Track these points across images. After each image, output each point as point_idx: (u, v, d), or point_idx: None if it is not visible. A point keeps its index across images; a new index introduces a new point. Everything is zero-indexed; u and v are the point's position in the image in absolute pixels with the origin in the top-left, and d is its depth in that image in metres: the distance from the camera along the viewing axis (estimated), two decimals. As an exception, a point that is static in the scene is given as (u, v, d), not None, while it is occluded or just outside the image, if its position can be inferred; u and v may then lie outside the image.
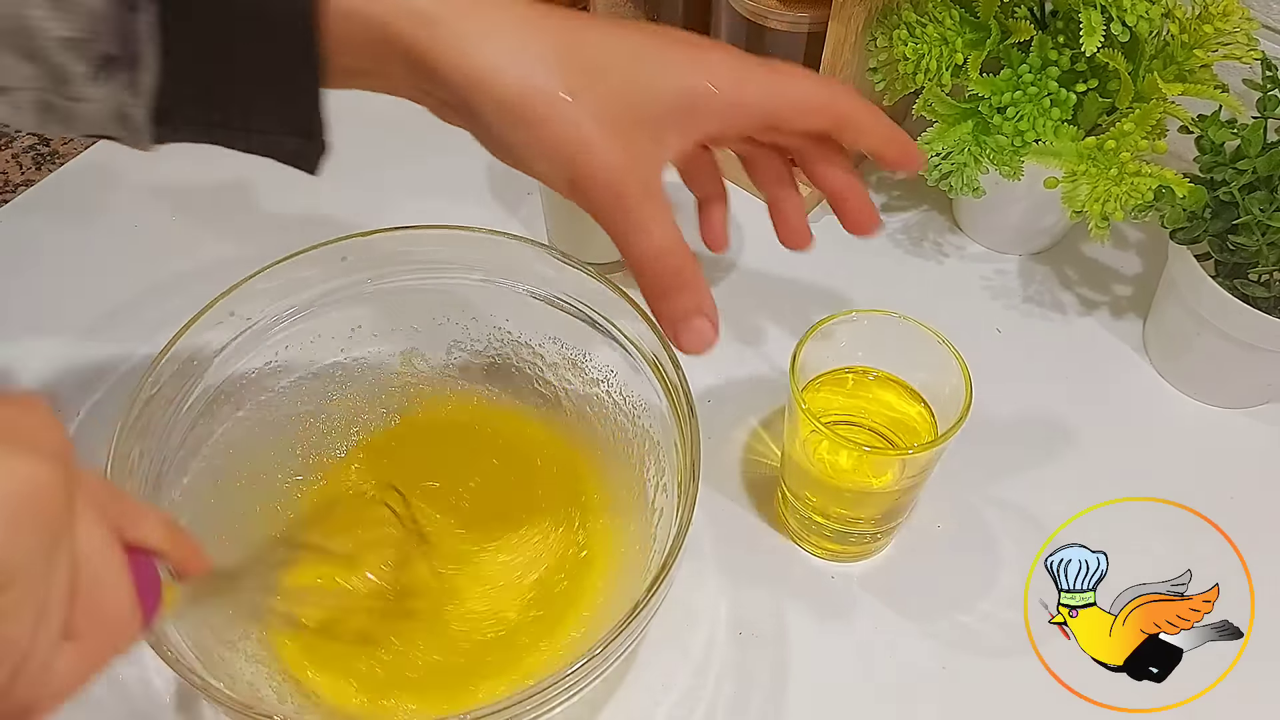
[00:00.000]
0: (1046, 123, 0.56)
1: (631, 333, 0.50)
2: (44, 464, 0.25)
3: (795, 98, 0.40)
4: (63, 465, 0.26)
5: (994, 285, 0.65)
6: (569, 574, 0.50)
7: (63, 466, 0.26)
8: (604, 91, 0.36)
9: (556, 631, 0.49)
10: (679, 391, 0.47)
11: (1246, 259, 0.53)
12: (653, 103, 0.38)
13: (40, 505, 0.25)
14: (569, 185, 0.37)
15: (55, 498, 0.25)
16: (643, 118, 0.37)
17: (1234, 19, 0.54)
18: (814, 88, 0.40)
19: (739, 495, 0.55)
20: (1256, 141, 0.53)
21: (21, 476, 0.25)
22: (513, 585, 0.49)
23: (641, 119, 0.37)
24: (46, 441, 0.26)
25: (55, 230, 0.65)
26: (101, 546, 0.28)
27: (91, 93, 0.36)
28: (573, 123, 0.36)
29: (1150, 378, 0.61)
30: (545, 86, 0.36)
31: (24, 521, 0.25)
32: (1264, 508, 0.56)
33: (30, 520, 0.25)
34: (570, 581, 0.50)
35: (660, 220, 0.37)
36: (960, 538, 0.54)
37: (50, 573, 0.26)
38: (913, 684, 0.50)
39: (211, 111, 0.37)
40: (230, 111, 0.37)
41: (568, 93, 0.36)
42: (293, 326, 0.53)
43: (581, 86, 0.36)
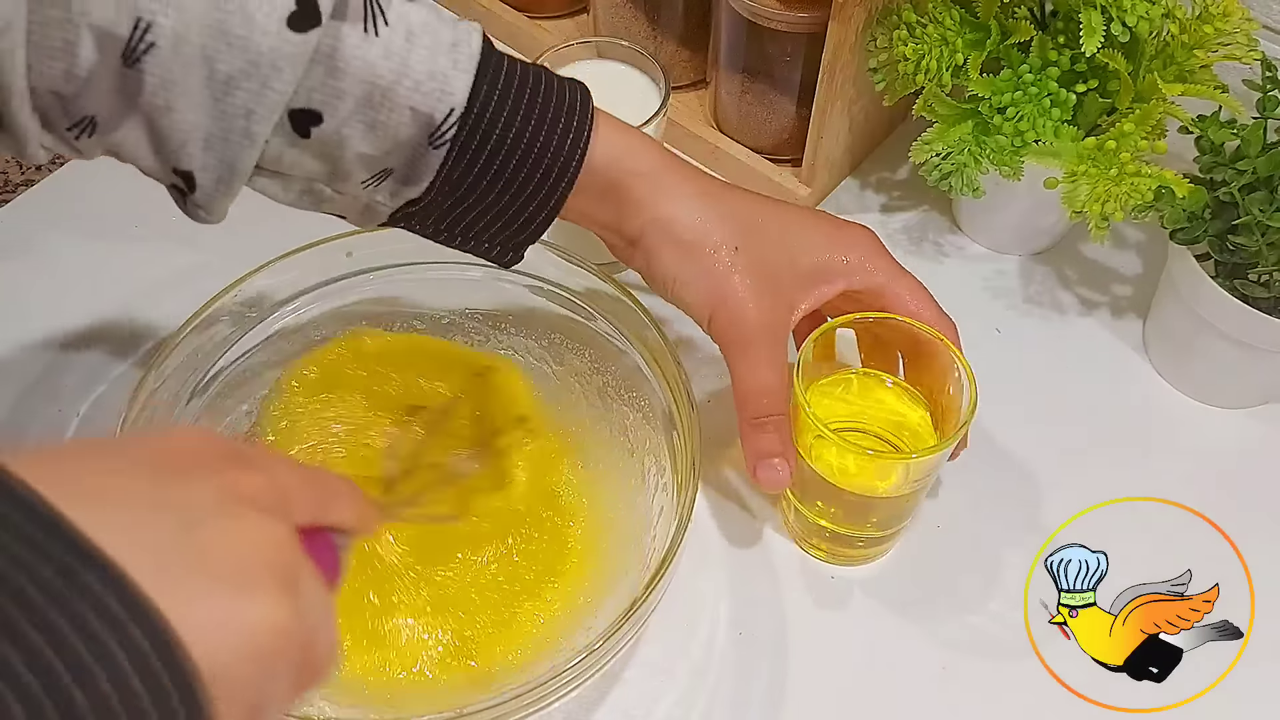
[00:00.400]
0: (1046, 123, 0.56)
1: (633, 330, 0.50)
2: (277, 601, 0.24)
3: (907, 289, 0.48)
4: (288, 555, 0.26)
5: (994, 285, 0.65)
6: (568, 571, 0.50)
7: (288, 561, 0.25)
8: (758, 252, 0.45)
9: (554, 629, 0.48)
10: (681, 390, 0.48)
11: (1246, 259, 0.53)
12: (794, 265, 0.46)
13: (282, 642, 0.24)
14: (710, 320, 0.45)
15: (292, 629, 0.25)
16: (784, 279, 0.45)
17: (1234, 19, 0.54)
18: (927, 298, 0.48)
19: (740, 495, 0.55)
20: (1256, 142, 0.53)
21: (264, 625, 0.24)
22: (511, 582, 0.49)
23: (782, 280, 0.45)
24: (266, 502, 0.26)
25: (55, 230, 0.65)
26: (317, 601, 0.27)
27: (357, 192, 0.41)
28: (729, 270, 0.44)
29: (1150, 378, 0.61)
30: (717, 237, 0.44)
31: (275, 665, 0.24)
32: (1264, 508, 0.56)
33: (278, 661, 0.24)
34: (570, 578, 0.50)
35: (773, 364, 0.45)
36: (960, 538, 0.54)
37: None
38: (913, 684, 0.50)
39: (446, 226, 0.43)
40: (462, 230, 0.43)
41: (734, 245, 0.44)
42: (297, 322, 0.53)
43: (744, 244, 0.44)
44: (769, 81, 0.64)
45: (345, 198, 0.41)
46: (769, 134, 0.66)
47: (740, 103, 0.65)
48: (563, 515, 0.51)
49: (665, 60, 0.68)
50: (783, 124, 0.65)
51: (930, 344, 0.48)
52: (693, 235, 0.44)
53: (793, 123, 0.65)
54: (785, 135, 0.66)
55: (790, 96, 0.64)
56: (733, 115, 0.67)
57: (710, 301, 0.44)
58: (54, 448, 0.24)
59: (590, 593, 0.49)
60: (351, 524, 0.31)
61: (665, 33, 0.68)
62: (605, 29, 0.70)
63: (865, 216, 0.67)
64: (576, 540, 0.51)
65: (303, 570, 0.26)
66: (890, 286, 0.47)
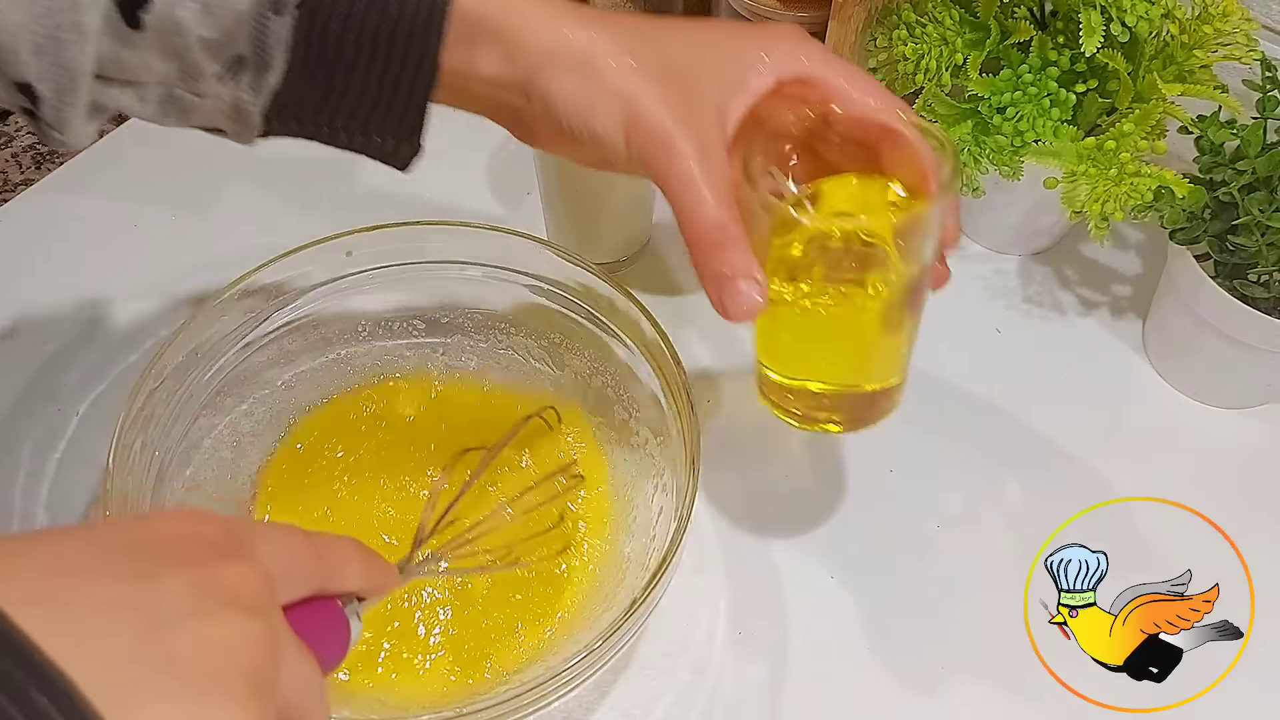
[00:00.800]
0: (1046, 123, 0.56)
1: (633, 329, 0.50)
2: (244, 707, 0.23)
3: (846, 76, 0.41)
4: (262, 656, 0.25)
5: (994, 285, 0.65)
6: (568, 569, 0.50)
7: (261, 662, 0.25)
8: (665, 60, 0.39)
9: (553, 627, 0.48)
10: (679, 388, 0.48)
11: (1246, 259, 0.53)
12: (712, 69, 0.40)
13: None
14: (627, 140, 0.38)
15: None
16: (703, 84, 0.39)
17: (1233, 20, 0.54)
18: (873, 84, 0.41)
19: (740, 494, 0.55)
20: (1256, 142, 0.53)
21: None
22: (510, 580, 0.49)
23: (702, 85, 0.39)
24: (245, 596, 0.25)
25: (55, 229, 0.65)
26: (303, 685, 0.26)
27: (217, 90, 0.38)
28: (632, 74, 0.38)
29: (1150, 378, 0.61)
30: (612, 49, 0.38)
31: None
32: (1264, 508, 0.56)
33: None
34: (569, 577, 0.50)
35: (709, 174, 0.38)
36: (960, 537, 0.54)
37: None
38: (913, 684, 0.50)
39: (323, 114, 0.40)
40: (342, 115, 0.40)
41: (632, 58, 0.38)
42: (296, 321, 0.53)
43: (644, 55, 0.39)
44: (769, 81, 0.63)
45: (208, 101, 0.38)
46: (769, 134, 0.66)
47: (740, 103, 0.65)
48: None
49: (665, 60, 0.68)
50: (783, 124, 0.65)
51: (893, 132, 0.41)
52: (589, 56, 0.38)
53: (793, 123, 0.65)
54: (785, 135, 0.66)
55: (790, 96, 0.64)
56: (733, 115, 0.67)
57: (623, 119, 0.38)
58: (18, 539, 0.23)
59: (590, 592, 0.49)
60: (360, 588, 0.31)
61: (665, 33, 0.68)
62: (605, 29, 0.69)
63: (865, 216, 0.67)
64: (576, 540, 0.51)
65: (285, 661, 0.26)
66: (827, 75, 0.41)
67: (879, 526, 0.55)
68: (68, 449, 0.56)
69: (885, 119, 0.41)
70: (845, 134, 0.42)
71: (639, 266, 0.65)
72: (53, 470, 0.55)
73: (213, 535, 0.26)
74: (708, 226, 0.38)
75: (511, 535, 0.48)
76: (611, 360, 0.53)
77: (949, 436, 0.58)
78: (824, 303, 0.41)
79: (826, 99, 0.41)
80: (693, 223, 0.38)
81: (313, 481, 0.52)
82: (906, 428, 0.58)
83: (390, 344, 0.56)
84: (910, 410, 0.59)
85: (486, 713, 0.40)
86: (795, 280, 0.41)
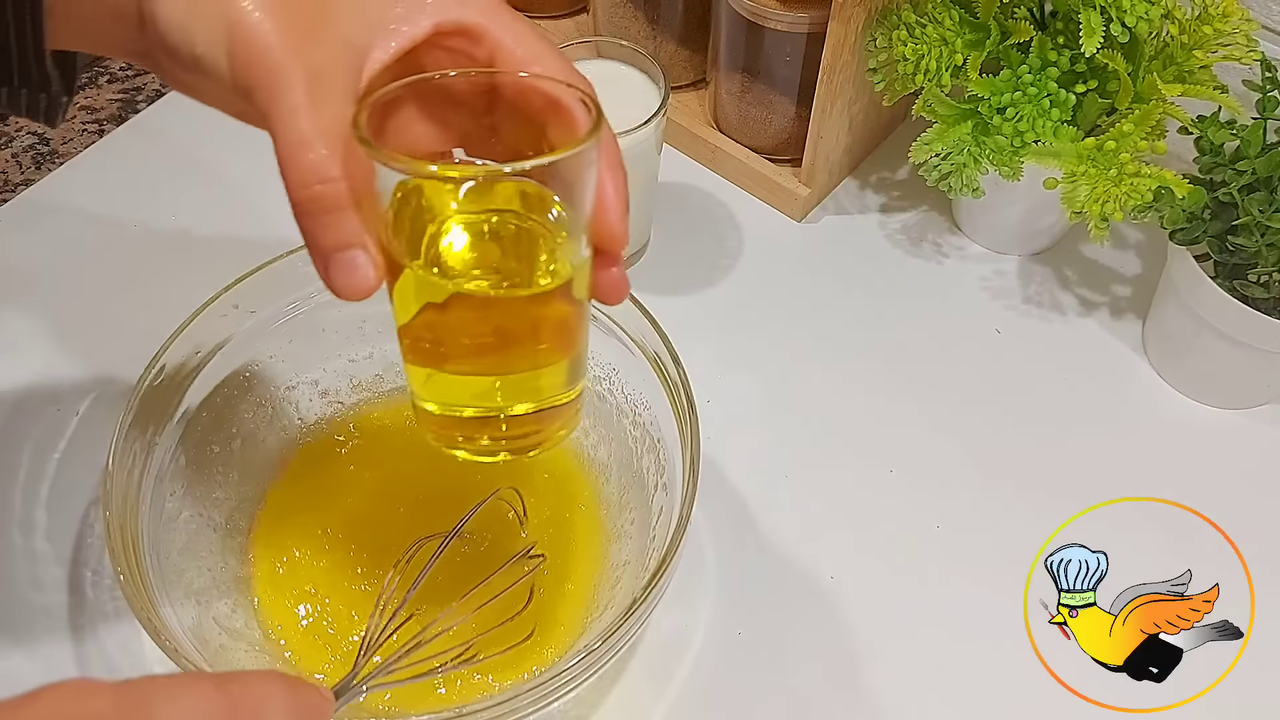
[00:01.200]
0: (1046, 123, 0.56)
1: (633, 330, 0.50)
2: None
3: (513, 34, 0.35)
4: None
5: (993, 286, 0.65)
6: (568, 570, 0.50)
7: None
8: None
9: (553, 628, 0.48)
10: (679, 389, 0.48)
11: (1246, 260, 0.53)
12: (337, 10, 0.33)
13: None
14: (230, 63, 0.32)
15: None
16: (338, 14, 0.33)
17: (1233, 20, 0.54)
18: (548, 49, 0.35)
19: (739, 494, 0.55)
20: (1256, 142, 0.53)
21: None
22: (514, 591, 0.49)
23: (336, 15, 0.33)
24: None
25: (54, 228, 0.65)
26: None
27: None
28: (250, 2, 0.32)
29: (1149, 378, 0.61)
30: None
31: None
32: (1264, 508, 0.56)
33: None
34: (569, 578, 0.50)
35: (318, 122, 0.32)
36: (960, 537, 0.54)
37: None
38: (913, 684, 0.50)
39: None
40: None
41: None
42: (297, 321, 0.53)
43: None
44: (768, 81, 0.64)
45: None
46: (768, 134, 0.66)
47: (740, 102, 0.66)
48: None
49: (665, 60, 0.68)
50: (782, 124, 0.65)
51: (560, 108, 0.34)
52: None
53: (792, 123, 0.65)
54: (785, 135, 0.66)
55: (790, 96, 0.64)
56: (732, 115, 0.67)
57: (225, 38, 0.32)
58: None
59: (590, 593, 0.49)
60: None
61: (665, 32, 0.68)
62: (605, 29, 0.70)
63: (865, 217, 0.68)
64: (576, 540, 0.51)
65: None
66: (491, 29, 0.35)
67: (879, 526, 0.55)
68: (67, 449, 0.56)
69: (549, 89, 0.35)
70: (511, 104, 0.36)
71: (639, 266, 0.65)
72: (53, 470, 0.55)
73: (104, 711, 0.24)
74: (304, 173, 0.32)
75: (473, 628, 0.45)
76: (612, 361, 0.53)
77: (949, 437, 0.58)
78: (480, 292, 0.35)
79: (492, 59, 0.35)
80: (289, 167, 0.32)
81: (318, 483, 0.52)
82: (907, 428, 0.58)
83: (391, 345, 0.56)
84: (911, 410, 0.59)
85: (486, 713, 0.40)
86: (444, 271, 0.35)
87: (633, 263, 0.65)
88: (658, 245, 0.66)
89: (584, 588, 0.50)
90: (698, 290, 0.64)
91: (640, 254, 0.65)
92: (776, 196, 0.67)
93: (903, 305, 0.64)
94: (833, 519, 0.55)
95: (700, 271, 0.65)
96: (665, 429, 0.49)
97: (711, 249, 0.66)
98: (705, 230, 0.67)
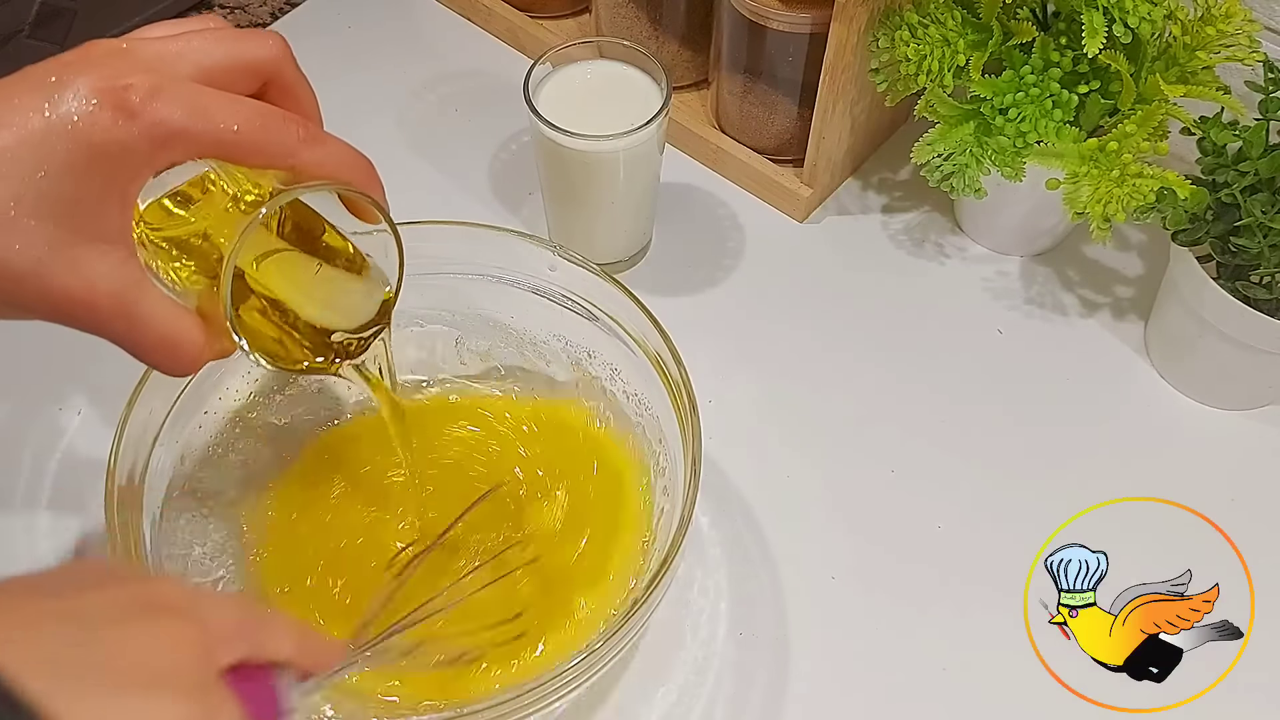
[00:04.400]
0: (1048, 124, 0.56)
1: (634, 330, 0.50)
2: (188, 697, 0.25)
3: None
4: (200, 655, 0.26)
5: (995, 286, 0.65)
6: (569, 571, 0.50)
7: (199, 662, 0.26)
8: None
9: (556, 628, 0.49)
10: (681, 389, 0.48)
11: (1248, 261, 0.53)
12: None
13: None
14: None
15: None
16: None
17: (1236, 21, 0.54)
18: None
19: (740, 494, 0.55)
20: (1258, 143, 0.53)
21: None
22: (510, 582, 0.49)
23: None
24: (174, 602, 0.27)
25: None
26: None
27: None
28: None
29: (1151, 379, 0.61)
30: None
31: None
32: (1264, 508, 0.56)
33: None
34: (571, 578, 0.50)
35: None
36: (960, 538, 0.55)
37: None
38: (913, 684, 0.50)
39: None
40: None
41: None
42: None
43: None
44: (770, 82, 0.64)
45: None
46: (770, 134, 0.66)
47: (742, 103, 0.66)
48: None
49: (667, 60, 0.68)
50: (784, 124, 0.65)
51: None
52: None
53: (794, 123, 0.65)
54: (787, 135, 0.66)
55: (792, 97, 0.64)
56: (734, 115, 0.67)
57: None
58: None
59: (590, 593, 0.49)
60: (291, 658, 0.31)
61: (667, 33, 0.68)
62: (607, 29, 0.70)
63: (867, 217, 0.68)
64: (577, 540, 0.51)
65: (221, 687, 0.27)
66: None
67: (880, 527, 0.55)
68: (69, 449, 0.56)
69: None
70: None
71: (640, 267, 0.65)
72: (54, 470, 0.55)
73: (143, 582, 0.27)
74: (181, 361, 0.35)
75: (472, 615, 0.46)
76: (613, 361, 0.53)
77: (950, 437, 0.58)
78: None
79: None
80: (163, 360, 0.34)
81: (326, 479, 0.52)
82: (909, 428, 0.58)
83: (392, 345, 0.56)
84: (913, 411, 0.59)
85: (487, 713, 0.40)
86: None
87: (635, 263, 0.65)
88: (659, 245, 0.66)
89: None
90: (699, 290, 0.64)
91: (642, 254, 0.65)
92: (778, 197, 0.67)
93: (904, 306, 0.64)
94: (834, 519, 0.55)
95: (702, 272, 0.65)
96: (667, 429, 0.49)
97: (713, 249, 0.66)
98: (707, 231, 0.67)
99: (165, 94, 0.31)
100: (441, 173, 0.68)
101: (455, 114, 0.72)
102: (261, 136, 0.33)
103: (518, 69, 0.58)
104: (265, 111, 0.33)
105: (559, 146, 0.56)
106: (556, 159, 0.57)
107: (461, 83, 0.74)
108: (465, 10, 0.77)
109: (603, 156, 0.56)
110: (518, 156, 0.69)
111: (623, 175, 0.58)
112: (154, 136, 0.31)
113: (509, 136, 0.70)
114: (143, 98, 0.31)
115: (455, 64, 0.75)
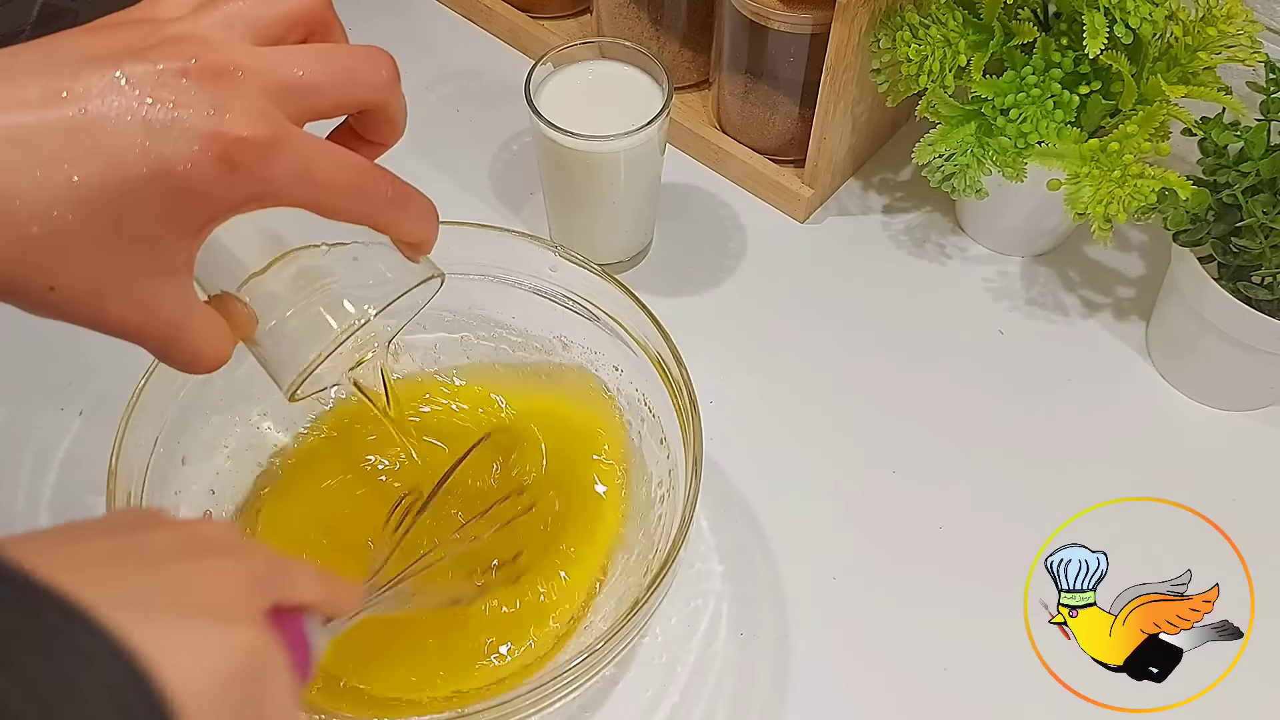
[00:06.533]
0: (1049, 124, 0.56)
1: (635, 330, 0.51)
2: (250, 623, 0.26)
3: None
4: (255, 588, 0.28)
5: (996, 287, 0.65)
6: (569, 571, 0.50)
7: (255, 593, 0.27)
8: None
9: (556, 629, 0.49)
10: (682, 389, 0.48)
11: (1249, 261, 0.53)
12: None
13: (260, 661, 0.26)
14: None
15: (268, 648, 0.27)
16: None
17: (1237, 21, 0.54)
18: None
19: (740, 494, 0.56)
20: (1260, 144, 0.53)
21: (237, 647, 0.25)
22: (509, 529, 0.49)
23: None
24: (224, 542, 0.28)
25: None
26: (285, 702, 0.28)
27: None
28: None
29: (1152, 380, 0.61)
30: None
31: (255, 685, 0.26)
32: (1264, 509, 0.56)
33: (258, 680, 0.26)
34: (571, 578, 0.50)
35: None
36: (960, 538, 0.55)
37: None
38: (913, 684, 0.50)
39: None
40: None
41: None
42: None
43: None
44: (772, 82, 0.64)
45: None
46: (771, 135, 0.66)
47: (743, 103, 0.66)
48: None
49: (668, 61, 0.68)
50: (785, 125, 0.66)
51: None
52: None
53: (795, 124, 0.65)
54: (788, 136, 0.66)
55: (793, 97, 0.64)
56: (735, 116, 0.67)
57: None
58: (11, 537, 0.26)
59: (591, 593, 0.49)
60: (316, 600, 0.31)
61: (668, 33, 0.68)
62: (608, 29, 0.70)
63: (868, 218, 0.68)
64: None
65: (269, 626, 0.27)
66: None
67: (881, 527, 0.55)
68: (71, 448, 0.56)
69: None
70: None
71: (641, 267, 0.65)
72: (56, 469, 0.55)
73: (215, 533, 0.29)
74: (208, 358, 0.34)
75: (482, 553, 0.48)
76: (614, 361, 0.53)
77: (951, 437, 0.58)
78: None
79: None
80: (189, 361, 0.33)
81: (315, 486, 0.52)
82: (910, 428, 0.58)
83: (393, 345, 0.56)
84: (914, 411, 0.59)
85: (487, 713, 0.40)
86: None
87: (636, 263, 0.65)
88: (660, 246, 0.66)
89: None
90: (700, 291, 0.64)
91: (643, 255, 0.65)
92: (779, 197, 0.67)
93: (906, 306, 0.64)
94: (835, 519, 0.55)
95: (703, 272, 0.65)
96: (668, 428, 0.49)
97: (714, 250, 0.66)
98: (708, 231, 0.67)
99: (276, 157, 0.29)
100: (442, 173, 0.68)
101: (456, 114, 0.72)
102: (351, 203, 0.32)
103: (519, 69, 0.58)
104: (363, 172, 0.32)
105: (560, 147, 0.56)
106: (557, 159, 0.57)
107: (462, 83, 0.74)
108: (466, 11, 0.77)
109: (604, 157, 0.56)
110: (519, 157, 0.70)
111: (624, 175, 0.58)
112: (254, 195, 0.30)
113: (510, 137, 0.70)
114: (254, 159, 0.29)
115: (456, 64, 0.75)
